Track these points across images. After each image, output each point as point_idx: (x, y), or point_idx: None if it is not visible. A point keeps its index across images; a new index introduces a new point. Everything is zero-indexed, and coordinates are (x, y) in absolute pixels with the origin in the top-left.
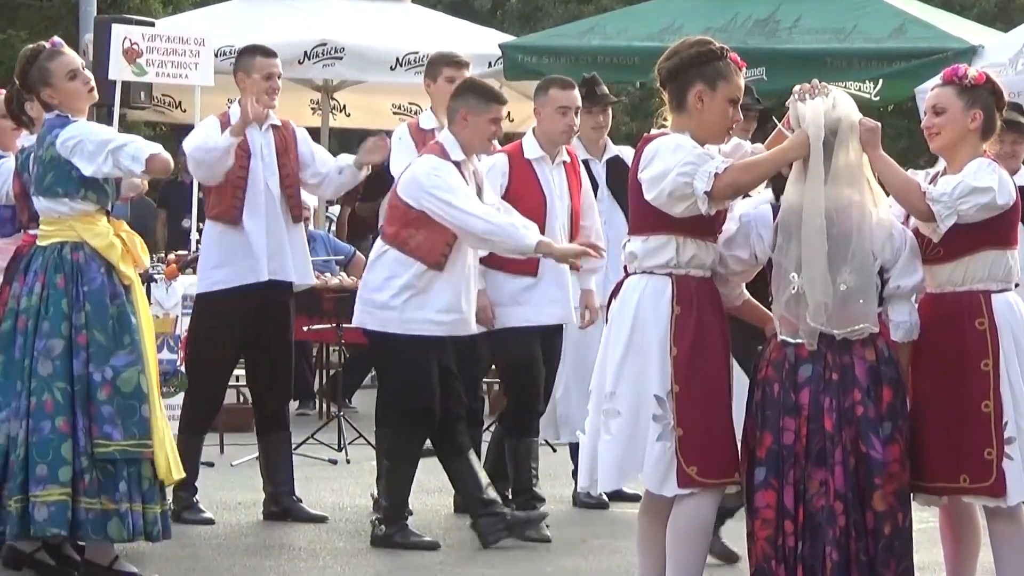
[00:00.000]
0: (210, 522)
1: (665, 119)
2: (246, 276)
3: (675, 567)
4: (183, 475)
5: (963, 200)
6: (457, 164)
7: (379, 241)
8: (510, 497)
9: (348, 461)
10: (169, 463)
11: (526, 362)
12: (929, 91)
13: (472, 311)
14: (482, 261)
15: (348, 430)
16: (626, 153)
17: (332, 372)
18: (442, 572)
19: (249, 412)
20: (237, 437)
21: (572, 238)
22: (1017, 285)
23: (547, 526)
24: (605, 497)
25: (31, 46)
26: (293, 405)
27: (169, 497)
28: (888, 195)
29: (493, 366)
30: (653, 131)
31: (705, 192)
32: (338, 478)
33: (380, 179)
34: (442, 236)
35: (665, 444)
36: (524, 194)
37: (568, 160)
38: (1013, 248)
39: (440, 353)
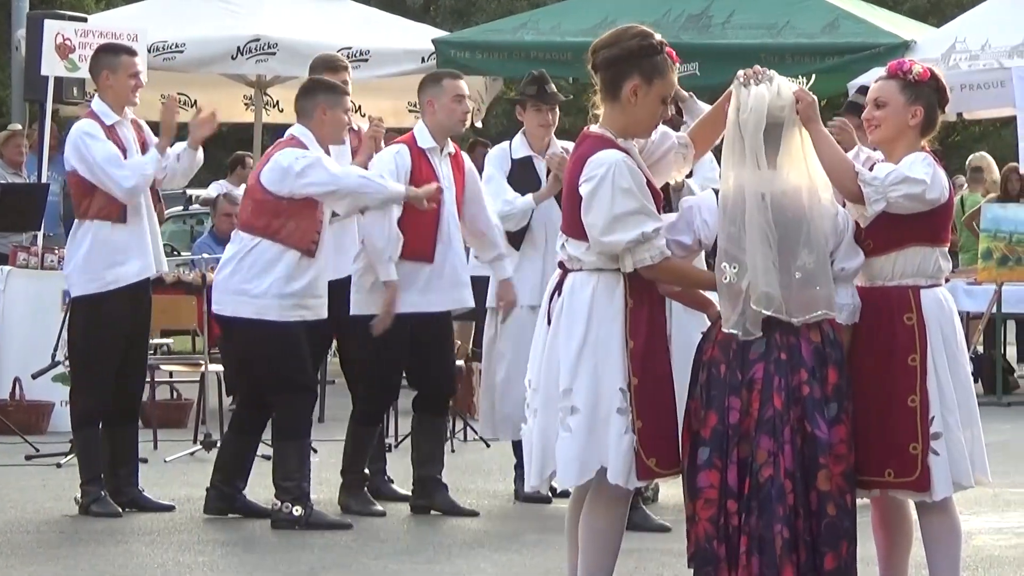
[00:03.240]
0: (118, 515)
1: (597, 108)
2: (139, 273)
3: (589, 563)
4: None
5: (894, 187)
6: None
7: (243, 235)
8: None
9: None
10: None
11: (392, 352)
12: (873, 82)
13: (325, 296)
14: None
15: None
16: (567, 147)
17: None
18: (376, 566)
19: (183, 407)
20: (171, 433)
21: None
22: (947, 280)
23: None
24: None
25: None
26: (227, 400)
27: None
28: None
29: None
30: (591, 128)
31: (631, 269)
32: (271, 474)
33: None
34: (312, 223)
35: (631, 437)
36: (423, 182)
37: (453, 152)
38: (943, 245)
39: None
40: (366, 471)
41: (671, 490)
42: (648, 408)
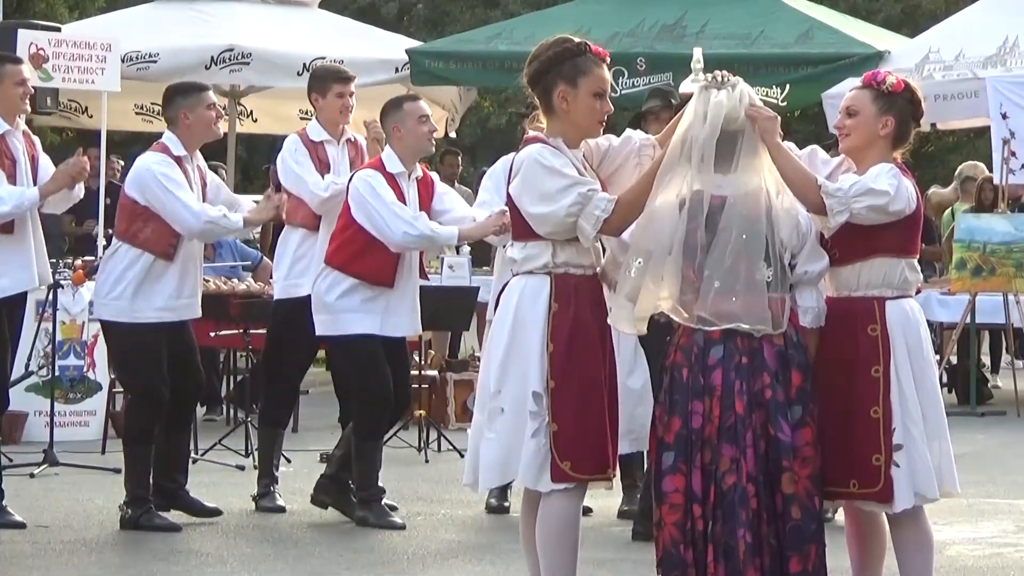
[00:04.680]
0: (22, 526)
1: (540, 121)
2: (25, 283)
3: (548, 568)
4: None
5: (857, 199)
6: (179, 159)
7: (113, 239)
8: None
9: (255, 467)
10: None
11: (378, 365)
12: (848, 92)
13: (197, 297)
14: (340, 268)
15: (255, 436)
16: None
17: (239, 378)
18: None
19: None
20: None
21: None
22: (919, 291)
23: None
24: (507, 503)
25: None
26: (200, 410)
27: None
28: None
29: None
30: (529, 132)
31: (594, 236)
32: (245, 483)
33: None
34: (169, 228)
35: (540, 440)
36: None
37: (420, 176)
38: (911, 257)
39: (171, 338)
40: (381, 484)
41: None
42: (566, 412)
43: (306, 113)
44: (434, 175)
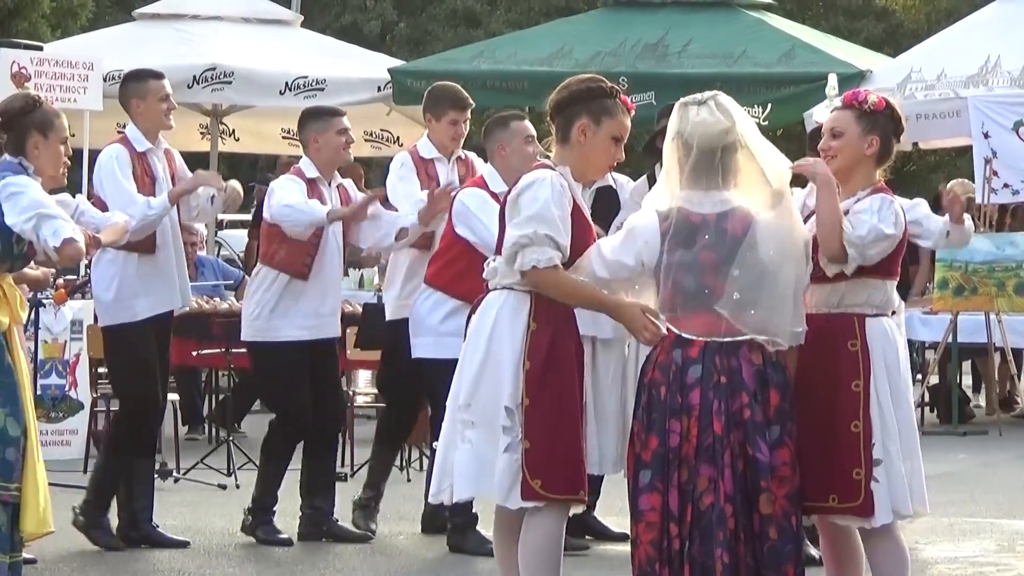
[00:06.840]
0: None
1: (550, 150)
2: (167, 304)
3: None
4: (51, 530)
5: (872, 245)
6: (312, 181)
7: (258, 263)
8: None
9: (238, 486)
10: (38, 515)
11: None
12: (829, 112)
13: (337, 316)
14: (443, 288)
15: (237, 455)
16: (621, 182)
17: (221, 397)
18: None
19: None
20: None
21: None
22: (894, 313)
23: None
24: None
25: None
26: (182, 430)
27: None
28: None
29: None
30: (540, 158)
31: (520, 271)
32: (227, 503)
33: None
34: (303, 247)
35: (512, 456)
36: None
37: None
38: (893, 279)
39: (317, 359)
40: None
41: None
42: (539, 430)
43: (288, 132)
44: None
